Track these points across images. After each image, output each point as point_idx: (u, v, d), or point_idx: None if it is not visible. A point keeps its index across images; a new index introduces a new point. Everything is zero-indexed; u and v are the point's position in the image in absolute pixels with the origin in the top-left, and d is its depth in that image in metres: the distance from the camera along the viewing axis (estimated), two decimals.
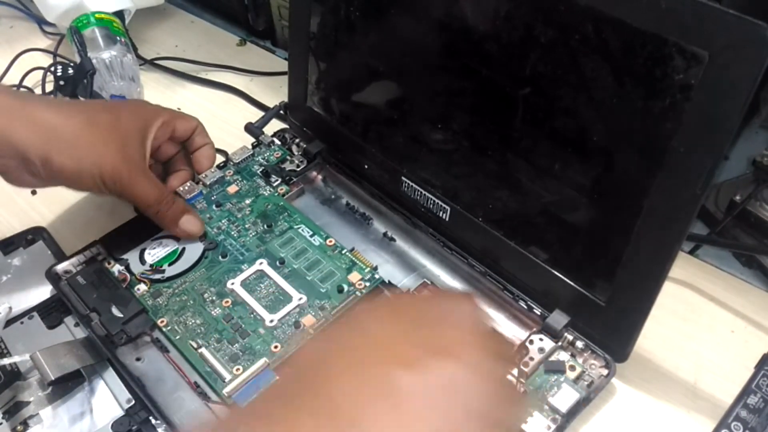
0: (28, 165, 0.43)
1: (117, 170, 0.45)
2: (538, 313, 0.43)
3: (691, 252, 0.52)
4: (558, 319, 0.42)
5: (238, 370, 0.41)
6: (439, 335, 0.29)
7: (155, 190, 0.47)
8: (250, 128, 0.57)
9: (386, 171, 0.50)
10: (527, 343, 0.42)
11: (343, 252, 0.48)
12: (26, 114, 0.43)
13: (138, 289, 0.46)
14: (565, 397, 0.39)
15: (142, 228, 0.49)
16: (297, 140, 0.57)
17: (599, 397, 0.40)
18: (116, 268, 0.47)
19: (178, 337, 0.43)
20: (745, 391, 0.40)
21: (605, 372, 0.41)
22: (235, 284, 0.46)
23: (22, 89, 0.66)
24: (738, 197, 0.53)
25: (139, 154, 0.47)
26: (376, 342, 0.29)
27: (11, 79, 0.68)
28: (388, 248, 0.50)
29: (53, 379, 0.39)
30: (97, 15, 0.67)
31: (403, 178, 0.48)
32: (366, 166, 0.51)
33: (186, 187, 0.52)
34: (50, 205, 0.55)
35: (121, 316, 0.43)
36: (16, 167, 0.43)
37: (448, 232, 0.48)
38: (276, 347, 0.42)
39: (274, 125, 0.59)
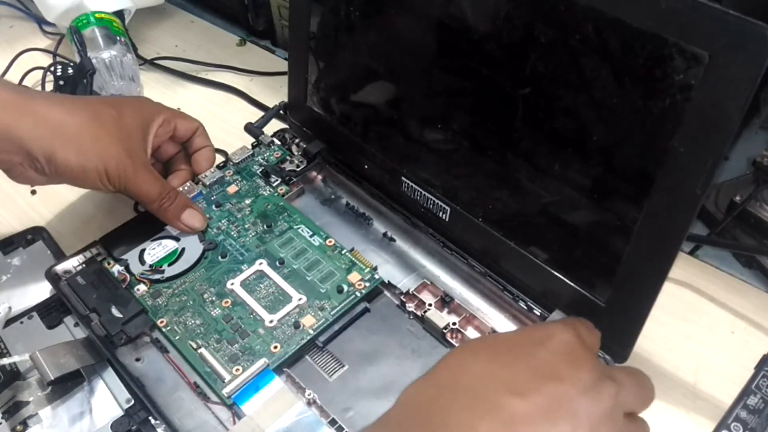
0: (32, 161, 0.43)
1: (121, 165, 0.45)
2: (538, 314, 0.43)
3: (691, 252, 0.52)
4: (558, 319, 0.42)
5: (237, 370, 0.41)
6: (541, 361, 0.29)
7: (158, 184, 0.47)
8: (249, 128, 0.57)
9: (386, 171, 0.50)
10: None
11: (343, 252, 0.48)
12: (30, 110, 0.43)
13: (138, 290, 0.46)
14: None
15: (141, 228, 0.49)
16: (297, 140, 0.57)
17: None
18: (116, 269, 0.47)
19: (177, 337, 0.43)
20: (745, 392, 0.40)
21: None
22: (234, 284, 0.46)
23: None
24: (738, 198, 0.53)
25: (141, 149, 0.47)
26: (480, 378, 0.28)
27: (11, 78, 0.68)
28: (388, 248, 0.50)
29: (53, 379, 0.39)
30: (97, 15, 0.67)
31: (403, 178, 0.48)
32: (366, 166, 0.51)
33: (186, 187, 0.52)
34: (50, 205, 0.55)
35: (121, 316, 0.43)
36: (20, 163, 0.43)
37: (448, 233, 0.48)
38: (276, 347, 0.42)
39: (274, 125, 0.59)
